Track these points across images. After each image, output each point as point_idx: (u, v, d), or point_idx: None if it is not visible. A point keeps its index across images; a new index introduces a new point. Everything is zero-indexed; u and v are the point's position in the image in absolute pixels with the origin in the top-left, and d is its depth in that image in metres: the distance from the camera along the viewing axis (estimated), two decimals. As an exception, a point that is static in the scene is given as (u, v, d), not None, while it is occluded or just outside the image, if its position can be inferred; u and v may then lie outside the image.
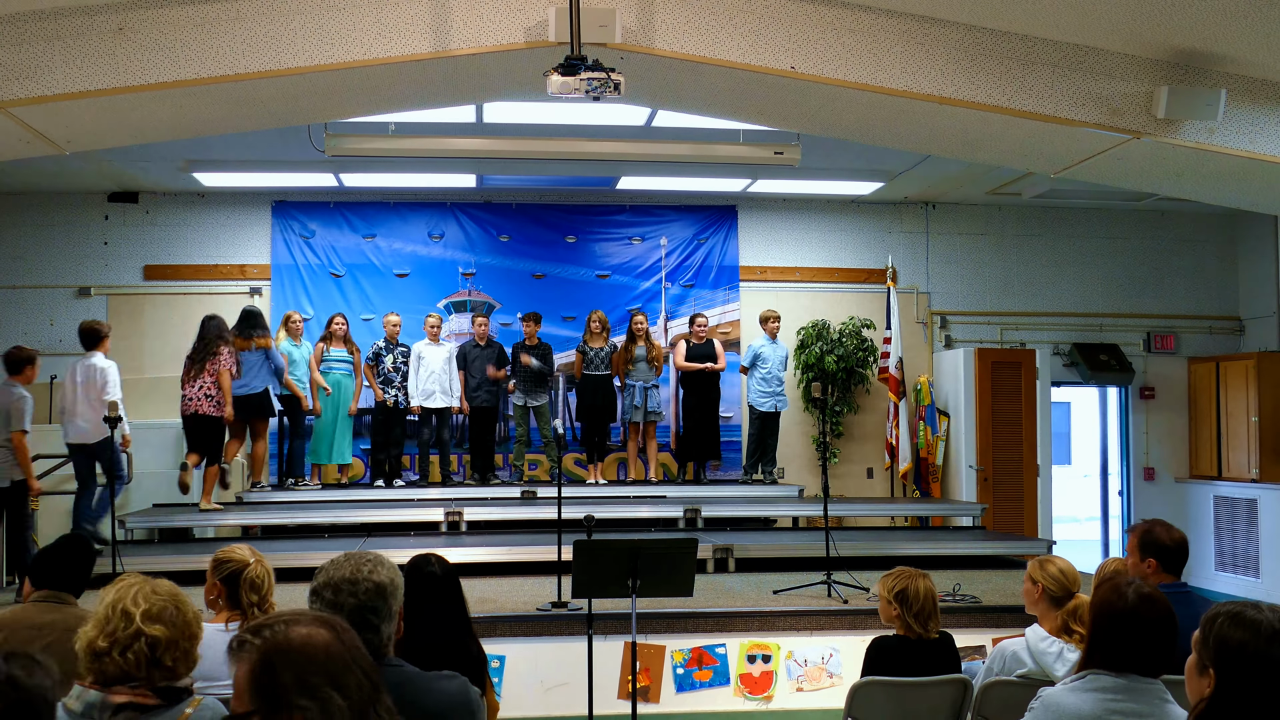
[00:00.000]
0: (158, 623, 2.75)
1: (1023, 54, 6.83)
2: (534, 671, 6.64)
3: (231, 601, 3.97)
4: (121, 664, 2.70)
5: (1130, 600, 2.96)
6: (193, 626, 2.84)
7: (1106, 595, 3.02)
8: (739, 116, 8.49)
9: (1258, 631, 2.36)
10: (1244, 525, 11.70)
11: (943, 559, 8.88)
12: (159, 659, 2.72)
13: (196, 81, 6.39)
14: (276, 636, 1.77)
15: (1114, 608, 2.96)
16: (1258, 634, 2.36)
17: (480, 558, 8.23)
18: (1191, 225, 13.00)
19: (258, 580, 3.97)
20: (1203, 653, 2.43)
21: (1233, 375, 12.19)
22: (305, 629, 1.79)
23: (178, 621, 2.79)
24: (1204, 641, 2.43)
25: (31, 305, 11.63)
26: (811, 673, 6.85)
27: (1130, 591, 2.99)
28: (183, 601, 2.88)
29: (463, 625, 3.94)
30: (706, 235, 12.47)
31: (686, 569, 5.18)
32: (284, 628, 1.79)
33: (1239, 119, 7.02)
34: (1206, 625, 2.44)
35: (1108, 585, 3.06)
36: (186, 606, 2.87)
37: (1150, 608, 2.95)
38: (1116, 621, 2.95)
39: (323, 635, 1.79)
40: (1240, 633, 2.38)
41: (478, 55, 6.56)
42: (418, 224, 12.18)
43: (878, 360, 12.09)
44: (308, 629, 1.80)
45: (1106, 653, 2.95)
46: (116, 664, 2.70)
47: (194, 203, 11.92)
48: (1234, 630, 2.39)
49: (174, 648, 2.75)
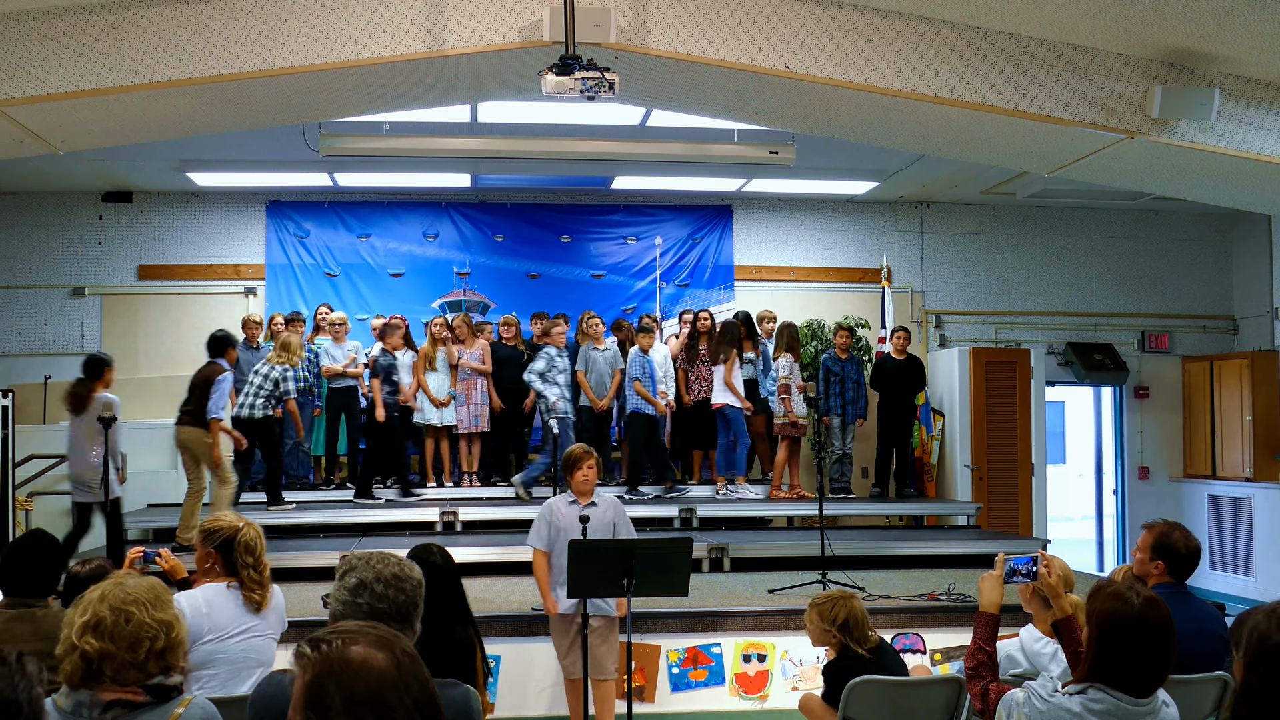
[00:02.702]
0: (93, 635, 2.66)
1: (1017, 53, 6.84)
2: (530, 671, 6.64)
3: (228, 568, 4.01)
4: (67, 672, 2.66)
5: (1136, 607, 2.92)
6: (139, 634, 2.71)
7: (1110, 604, 2.96)
8: (734, 116, 8.49)
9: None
10: (1238, 524, 11.72)
11: (937, 558, 8.90)
12: (97, 671, 2.66)
13: (190, 81, 6.38)
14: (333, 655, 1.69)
15: (1120, 616, 2.92)
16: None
17: (476, 557, 8.21)
18: (1186, 225, 13.02)
19: (251, 543, 4.01)
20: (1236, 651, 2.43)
21: (1227, 374, 12.21)
22: (363, 649, 1.70)
23: (120, 634, 2.68)
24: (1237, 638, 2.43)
25: (25, 305, 11.60)
26: (806, 672, 6.85)
27: (1134, 598, 2.95)
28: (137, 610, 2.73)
29: (452, 615, 3.95)
30: (701, 235, 12.47)
31: (682, 569, 5.19)
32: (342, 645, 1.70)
33: (1233, 118, 7.04)
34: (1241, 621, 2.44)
35: (1109, 593, 3.02)
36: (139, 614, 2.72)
37: (1155, 612, 2.92)
38: (1122, 629, 2.90)
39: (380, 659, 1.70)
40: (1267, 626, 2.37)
41: (472, 55, 6.56)
42: (412, 224, 12.16)
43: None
44: (366, 650, 1.70)
45: (1112, 664, 2.90)
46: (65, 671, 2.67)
47: (188, 202, 11.90)
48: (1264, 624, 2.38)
49: (110, 660, 2.65)
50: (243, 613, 3.93)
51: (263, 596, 4.02)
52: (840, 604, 4.54)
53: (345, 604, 2.78)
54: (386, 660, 1.70)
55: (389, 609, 2.72)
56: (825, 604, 4.58)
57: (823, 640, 4.58)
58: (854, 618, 4.49)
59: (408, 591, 2.78)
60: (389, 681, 1.69)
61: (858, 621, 4.50)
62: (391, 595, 2.76)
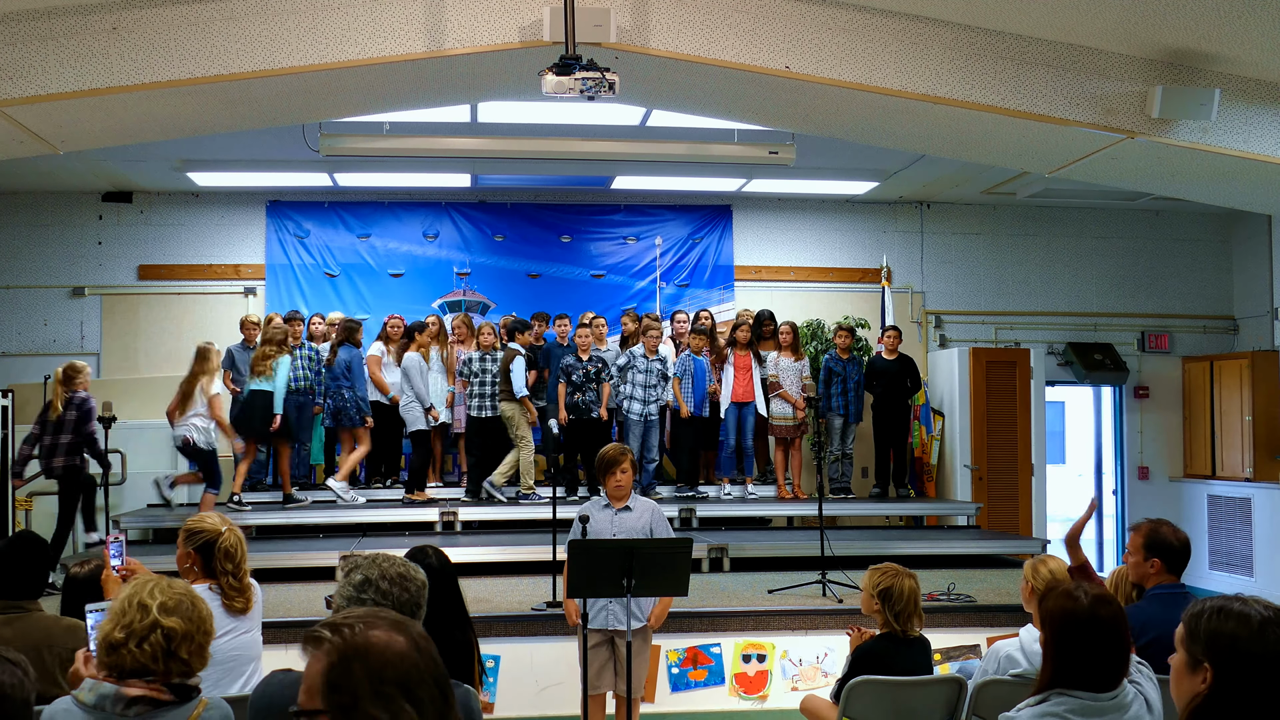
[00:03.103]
0: (174, 615, 2.75)
1: (1017, 54, 6.83)
2: (528, 671, 6.64)
3: (206, 571, 3.98)
4: (138, 655, 2.69)
5: (1085, 604, 2.93)
6: (207, 623, 2.85)
7: (1060, 603, 2.97)
8: (734, 116, 8.49)
9: (1247, 622, 2.36)
10: (1238, 524, 11.72)
11: (937, 558, 8.89)
12: (174, 651, 2.72)
13: (191, 81, 6.38)
14: (356, 637, 1.71)
15: (1070, 614, 2.92)
16: (1247, 625, 2.36)
17: (475, 557, 8.22)
18: (1186, 225, 13.02)
19: (231, 549, 3.97)
20: (1193, 649, 2.41)
21: (1227, 375, 12.21)
22: (384, 633, 1.73)
23: (193, 616, 2.79)
24: (1193, 637, 2.41)
25: (25, 305, 11.61)
26: (806, 672, 6.85)
27: (1082, 595, 2.95)
28: (197, 599, 2.89)
29: (449, 617, 3.94)
30: (701, 235, 12.47)
31: (681, 569, 5.17)
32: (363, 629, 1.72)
33: (1233, 118, 7.04)
34: (1193, 621, 2.43)
35: (1058, 593, 3.01)
36: (201, 604, 2.88)
37: (1106, 608, 2.93)
38: (1074, 628, 2.91)
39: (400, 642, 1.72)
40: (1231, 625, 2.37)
41: (472, 55, 6.56)
42: (412, 224, 12.17)
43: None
44: (387, 634, 1.73)
45: (1068, 666, 2.90)
46: (134, 655, 2.69)
47: (188, 202, 11.90)
48: (1224, 623, 2.38)
49: (189, 641, 2.76)
50: (224, 614, 3.89)
51: (244, 603, 3.97)
52: (889, 574, 4.51)
53: (350, 600, 2.82)
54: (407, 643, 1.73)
55: (393, 607, 2.74)
56: (878, 571, 4.56)
57: (868, 606, 4.57)
58: (897, 592, 4.45)
59: (411, 591, 2.83)
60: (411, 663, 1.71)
61: (900, 596, 4.45)
62: (396, 593, 2.80)
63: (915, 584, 4.53)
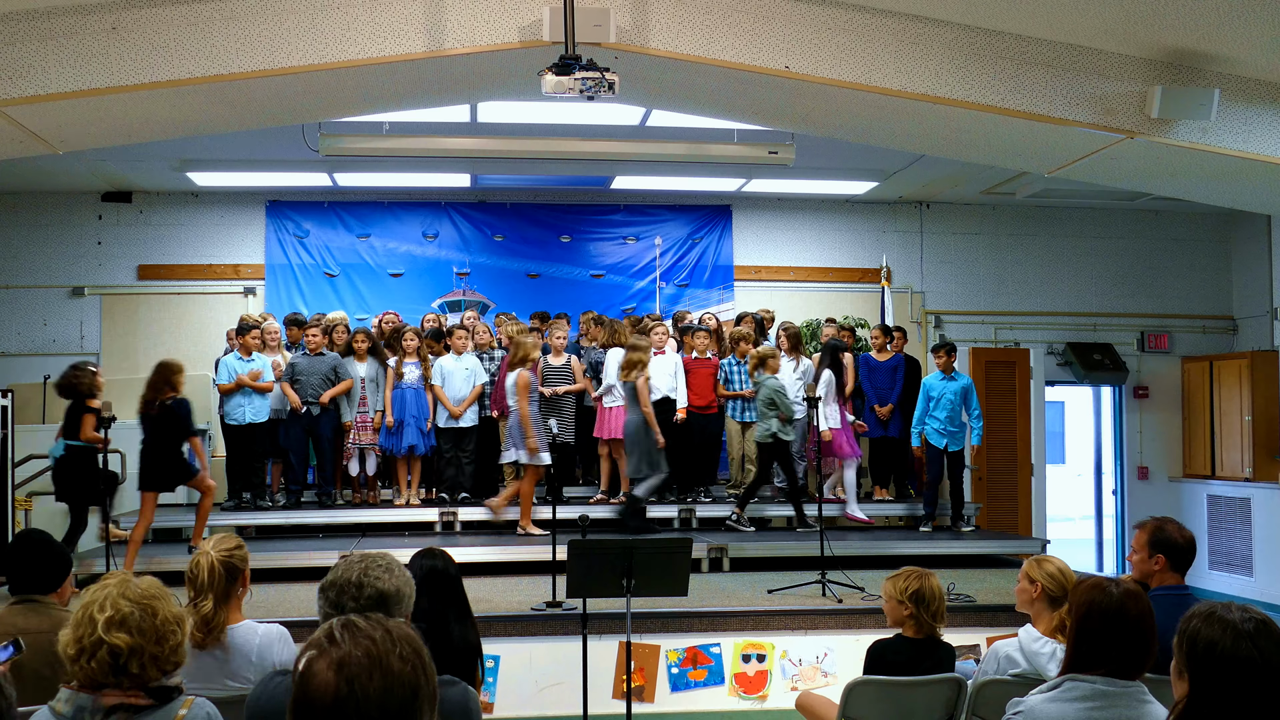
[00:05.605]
0: (121, 630, 2.64)
1: (1016, 54, 6.83)
2: (529, 671, 6.64)
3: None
4: (89, 670, 2.62)
5: (1116, 597, 2.96)
6: (164, 629, 2.71)
7: (1090, 594, 3.01)
8: (733, 116, 8.50)
9: (1226, 630, 2.37)
10: (1237, 524, 11.72)
11: (937, 558, 8.87)
12: (124, 666, 2.63)
13: (190, 81, 6.38)
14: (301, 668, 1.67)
15: (1100, 605, 2.96)
16: (1226, 633, 2.37)
17: (475, 557, 8.21)
18: (1185, 225, 13.03)
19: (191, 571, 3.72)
20: (1179, 655, 2.43)
21: (1226, 374, 12.22)
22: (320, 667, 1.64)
23: (145, 628, 2.67)
24: (1178, 644, 2.44)
25: (25, 305, 11.61)
26: (806, 672, 6.85)
27: (1114, 588, 3.00)
28: (158, 603, 2.74)
29: (455, 615, 3.95)
30: (701, 235, 12.47)
31: (681, 569, 5.18)
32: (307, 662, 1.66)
33: (1232, 118, 7.04)
34: (1182, 627, 2.45)
35: (1089, 584, 3.07)
36: (161, 608, 2.73)
37: (1135, 603, 2.96)
38: (1099, 617, 2.94)
39: (328, 680, 1.63)
40: (1211, 632, 2.39)
41: (472, 55, 6.56)
42: (412, 223, 12.17)
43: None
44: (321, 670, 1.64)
45: (1089, 653, 2.94)
46: (86, 670, 2.63)
47: (188, 202, 11.90)
48: (1206, 630, 2.40)
49: (139, 654, 2.64)
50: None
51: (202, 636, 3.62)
52: (915, 576, 4.48)
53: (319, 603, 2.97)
54: (334, 680, 1.65)
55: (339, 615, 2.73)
56: (900, 577, 4.52)
57: (897, 615, 4.50)
58: (929, 591, 4.43)
59: (361, 600, 2.84)
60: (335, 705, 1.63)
61: (933, 596, 4.43)
62: (343, 603, 2.84)
63: (939, 582, 4.51)
